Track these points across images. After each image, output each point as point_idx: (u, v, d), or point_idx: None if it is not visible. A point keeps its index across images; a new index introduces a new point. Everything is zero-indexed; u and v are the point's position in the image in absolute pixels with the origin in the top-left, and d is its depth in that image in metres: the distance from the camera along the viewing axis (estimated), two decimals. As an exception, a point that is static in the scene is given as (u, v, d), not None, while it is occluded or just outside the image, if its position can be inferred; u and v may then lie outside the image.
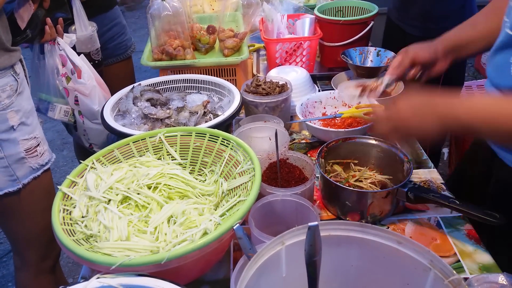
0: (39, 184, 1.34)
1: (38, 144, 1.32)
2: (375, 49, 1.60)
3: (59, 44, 1.57)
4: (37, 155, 1.32)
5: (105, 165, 1.00)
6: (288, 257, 0.65)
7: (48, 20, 1.51)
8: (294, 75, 1.52)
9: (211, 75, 1.51)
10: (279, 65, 1.65)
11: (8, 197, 1.28)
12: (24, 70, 1.32)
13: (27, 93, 1.30)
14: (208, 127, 1.13)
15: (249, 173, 0.93)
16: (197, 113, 1.31)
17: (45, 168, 1.36)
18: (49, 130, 3.42)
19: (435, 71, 1.15)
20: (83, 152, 2.09)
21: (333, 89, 1.49)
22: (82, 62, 1.59)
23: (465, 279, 0.85)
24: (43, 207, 0.82)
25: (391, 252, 0.63)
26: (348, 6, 1.81)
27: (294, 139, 1.39)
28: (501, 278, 0.76)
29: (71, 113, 1.71)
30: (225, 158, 1.01)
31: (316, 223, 0.59)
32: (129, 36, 2.05)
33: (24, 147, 1.27)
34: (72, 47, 1.61)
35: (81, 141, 1.82)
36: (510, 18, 0.88)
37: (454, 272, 0.56)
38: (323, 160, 1.11)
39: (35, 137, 1.30)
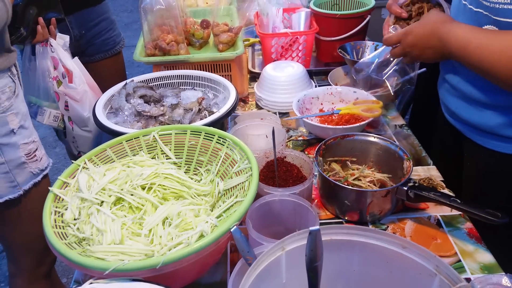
0: (38, 189, 1.29)
1: (37, 149, 1.27)
2: (373, 44, 1.58)
3: (51, 46, 1.51)
4: (37, 159, 1.26)
5: (98, 165, 0.97)
6: (289, 262, 0.63)
7: (41, 19, 1.45)
8: (290, 70, 1.49)
9: (206, 71, 1.48)
10: (275, 60, 1.63)
11: (8, 204, 1.23)
12: (17, 71, 1.27)
13: (21, 95, 1.25)
14: (203, 125, 1.10)
15: (246, 173, 0.90)
16: (192, 110, 1.28)
17: (45, 173, 1.31)
18: (41, 127, 3.35)
19: None
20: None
21: (330, 85, 1.47)
22: (74, 65, 1.53)
23: (467, 279, 0.84)
24: (40, 213, 0.79)
25: (395, 257, 0.61)
26: (344, 0, 1.79)
27: (291, 136, 1.37)
28: (505, 280, 0.74)
29: (61, 118, 1.65)
30: (221, 157, 0.98)
31: (317, 227, 0.57)
32: (118, 32, 2.00)
33: (24, 152, 1.22)
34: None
35: (70, 149, 1.76)
36: None
37: (462, 278, 0.54)
38: (321, 158, 1.08)
39: (33, 141, 1.25)
